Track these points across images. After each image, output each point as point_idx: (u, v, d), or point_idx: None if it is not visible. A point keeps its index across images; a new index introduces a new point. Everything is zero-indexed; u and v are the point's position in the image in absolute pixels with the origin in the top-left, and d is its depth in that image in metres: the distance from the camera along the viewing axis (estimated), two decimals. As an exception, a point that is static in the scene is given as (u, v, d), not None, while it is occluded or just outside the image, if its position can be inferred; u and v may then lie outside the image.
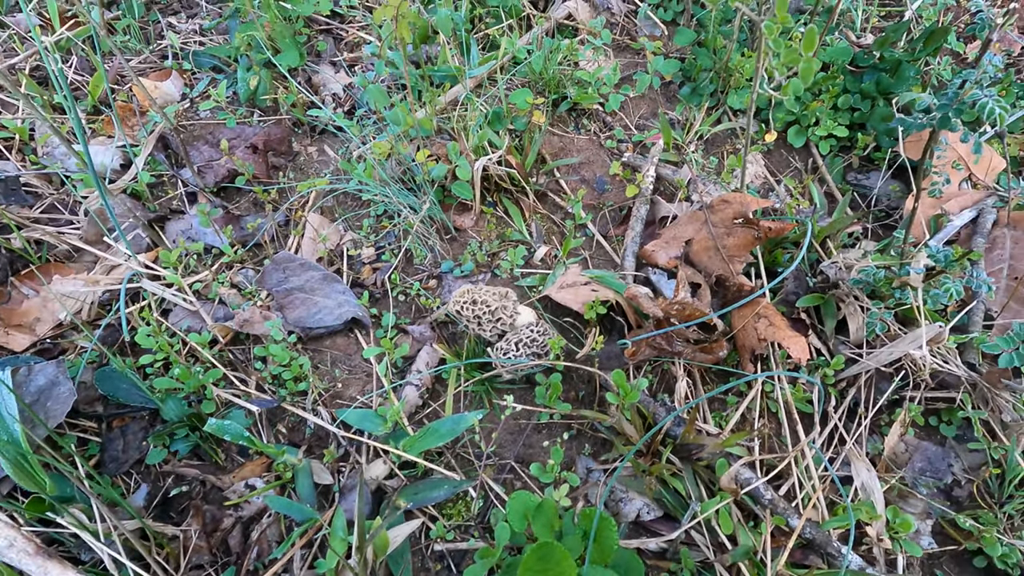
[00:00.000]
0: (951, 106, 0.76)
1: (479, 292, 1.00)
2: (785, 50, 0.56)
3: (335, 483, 0.95)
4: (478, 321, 0.99)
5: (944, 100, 0.76)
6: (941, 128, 0.76)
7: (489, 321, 1.00)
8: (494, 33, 1.60)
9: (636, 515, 0.94)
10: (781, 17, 0.59)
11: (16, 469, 0.80)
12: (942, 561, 0.96)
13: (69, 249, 1.15)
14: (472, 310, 0.98)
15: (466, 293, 0.99)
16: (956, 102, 0.75)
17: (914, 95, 0.87)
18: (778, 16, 0.59)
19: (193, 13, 1.82)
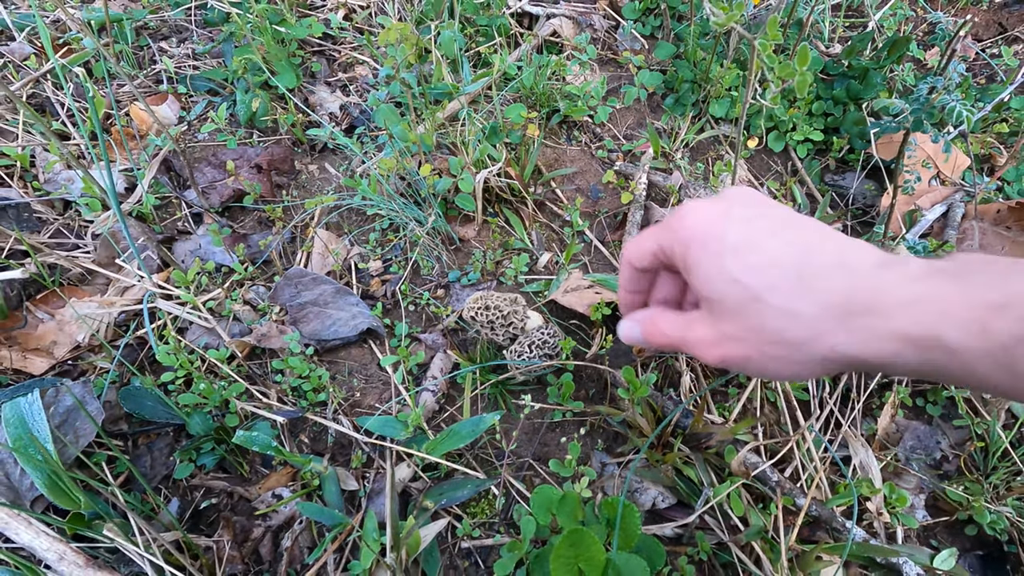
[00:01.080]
0: (923, 110, 0.84)
1: (491, 298, 1.04)
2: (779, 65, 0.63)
3: (361, 488, 0.98)
4: (491, 326, 1.03)
5: (916, 105, 0.84)
6: (914, 130, 0.83)
7: (502, 326, 1.04)
8: (485, 51, 1.67)
9: (652, 503, 0.98)
10: (772, 35, 0.66)
11: (50, 488, 0.82)
12: (936, 531, 1.03)
13: (82, 272, 1.16)
14: (485, 315, 1.02)
15: (479, 299, 1.03)
16: (927, 106, 0.83)
17: (887, 101, 0.95)
18: (770, 34, 0.66)
19: (183, 38, 1.85)
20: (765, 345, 0.49)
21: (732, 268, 0.48)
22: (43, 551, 0.71)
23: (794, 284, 0.46)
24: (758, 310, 0.48)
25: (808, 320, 0.46)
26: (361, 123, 1.58)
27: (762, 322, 0.48)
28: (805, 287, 0.46)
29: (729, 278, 0.49)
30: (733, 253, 0.49)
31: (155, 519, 0.88)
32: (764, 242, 0.49)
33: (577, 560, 0.77)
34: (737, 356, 0.51)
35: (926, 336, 0.42)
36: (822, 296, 0.45)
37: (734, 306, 0.49)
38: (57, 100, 1.54)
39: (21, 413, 0.84)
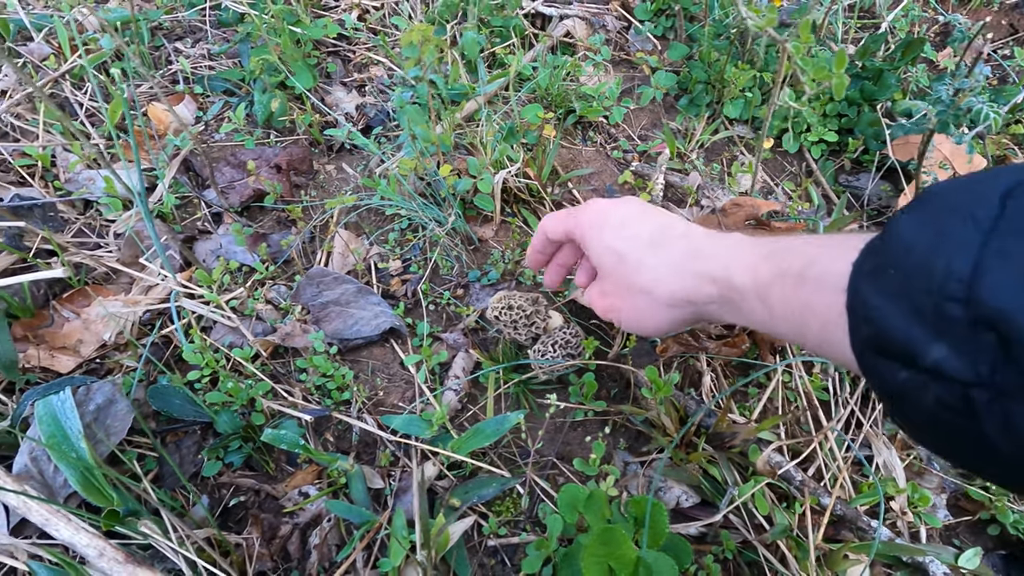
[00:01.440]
0: (948, 112, 0.84)
1: (514, 298, 1.05)
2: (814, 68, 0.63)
3: (386, 486, 0.99)
4: (515, 326, 1.04)
5: (941, 107, 0.85)
6: (940, 132, 0.84)
7: (524, 325, 1.04)
8: (500, 52, 1.67)
9: (676, 503, 0.99)
10: (805, 37, 0.66)
11: (84, 485, 0.82)
12: (958, 531, 1.03)
13: (107, 271, 1.17)
14: (509, 315, 1.03)
15: (502, 299, 1.04)
16: (953, 108, 0.84)
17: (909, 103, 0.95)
18: (803, 37, 0.66)
19: (198, 39, 1.85)
20: (628, 294, 0.69)
21: (608, 239, 0.70)
22: (83, 547, 0.72)
23: (647, 247, 0.66)
24: (623, 267, 0.68)
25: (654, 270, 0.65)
26: (377, 123, 1.58)
27: (626, 275, 0.68)
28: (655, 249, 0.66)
29: (607, 246, 0.70)
30: (611, 229, 0.70)
31: (186, 516, 0.88)
32: (634, 222, 0.69)
33: (608, 558, 0.78)
34: (613, 307, 0.73)
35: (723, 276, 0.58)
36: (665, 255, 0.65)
37: (610, 267, 0.71)
38: (76, 100, 1.55)
39: (54, 411, 0.85)
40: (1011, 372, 0.32)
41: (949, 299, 0.34)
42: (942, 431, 0.38)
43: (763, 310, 0.54)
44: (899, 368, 0.38)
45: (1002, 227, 0.33)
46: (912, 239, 0.38)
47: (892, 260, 0.39)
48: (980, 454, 0.36)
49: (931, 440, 0.41)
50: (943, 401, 0.35)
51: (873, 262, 0.42)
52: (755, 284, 0.55)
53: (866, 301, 0.41)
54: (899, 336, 0.37)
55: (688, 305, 0.64)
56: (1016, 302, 0.31)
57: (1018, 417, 0.32)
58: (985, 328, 0.33)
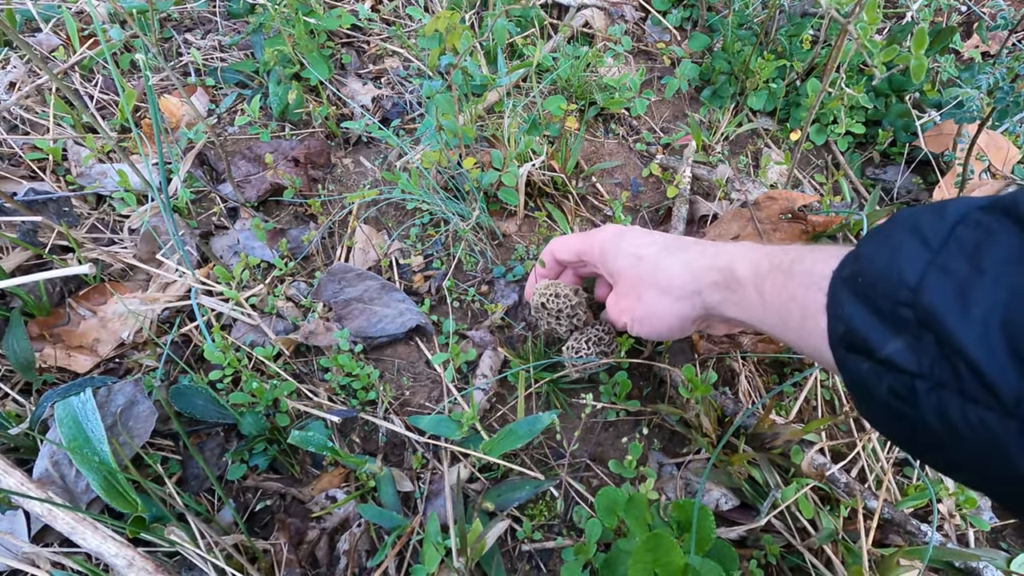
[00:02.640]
0: (1008, 99, 0.81)
1: (560, 286, 0.99)
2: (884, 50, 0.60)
3: (416, 489, 0.96)
4: (559, 315, 0.99)
5: (1001, 94, 0.81)
6: (999, 120, 0.80)
7: (568, 316, 0.99)
8: (520, 42, 1.63)
9: (715, 505, 0.96)
10: (871, 19, 0.63)
11: (107, 490, 0.79)
12: (1004, 534, 1.00)
13: (124, 268, 1.14)
14: (556, 303, 0.98)
15: (550, 287, 0.99)
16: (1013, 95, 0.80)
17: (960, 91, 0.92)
18: (868, 18, 0.63)
19: (208, 30, 1.81)
20: (642, 292, 0.76)
21: (627, 246, 0.79)
22: (111, 556, 0.69)
23: (664, 250, 0.75)
24: (641, 267, 0.76)
25: (669, 268, 0.73)
26: (395, 116, 1.55)
27: (642, 274, 0.76)
28: (671, 252, 0.74)
29: (626, 252, 0.79)
30: (629, 239, 0.80)
31: (213, 521, 0.85)
32: (647, 236, 0.80)
33: (655, 565, 0.75)
34: (625, 309, 0.80)
35: (727, 266, 0.66)
36: (680, 255, 0.73)
37: (627, 268, 0.78)
38: (86, 93, 1.51)
39: (75, 413, 0.82)
40: (944, 367, 0.38)
41: (901, 304, 0.41)
42: (893, 417, 0.43)
43: (758, 300, 0.60)
44: (863, 360, 0.44)
45: (948, 249, 0.40)
46: (876, 253, 0.45)
47: (860, 269, 0.47)
48: (923, 439, 0.42)
49: (886, 427, 0.47)
50: (894, 390, 0.42)
51: (849, 270, 0.49)
52: (755, 275, 0.61)
53: (841, 302, 0.47)
54: (863, 332, 0.44)
55: (695, 296, 0.71)
56: (949, 309, 0.37)
57: (950, 405, 0.38)
58: (926, 329, 0.39)
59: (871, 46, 0.60)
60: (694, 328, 0.78)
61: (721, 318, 0.71)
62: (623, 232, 0.82)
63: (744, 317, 0.66)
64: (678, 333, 0.77)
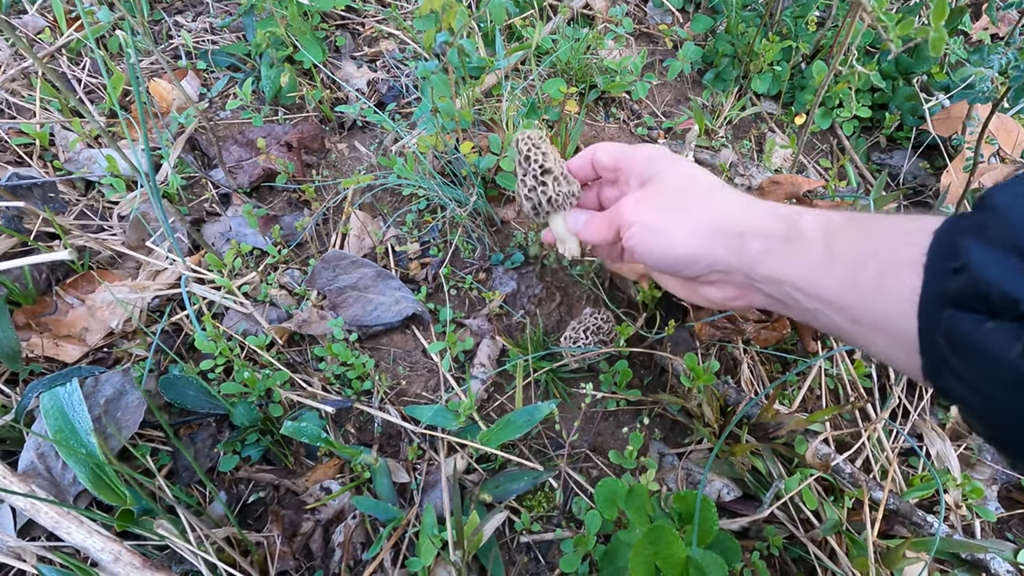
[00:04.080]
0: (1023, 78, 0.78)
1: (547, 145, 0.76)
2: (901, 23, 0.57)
3: (412, 480, 0.94)
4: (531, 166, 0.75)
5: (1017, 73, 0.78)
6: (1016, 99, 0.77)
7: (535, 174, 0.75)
8: (518, 23, 1.59)
9: (717, 496, 0.94)
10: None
11: (94, 482, 0.77)
12: (1011, 524, 0.98)
13: (112, 255, 1.11)
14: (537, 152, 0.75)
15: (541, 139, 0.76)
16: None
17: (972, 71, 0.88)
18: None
19: (199, 12, 1.77)
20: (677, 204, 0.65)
21: (684, 164, 0.68)
22: (97, 552, 0.67)
23: (723, 187, 0.65)
24: (690, 182, 0.66)
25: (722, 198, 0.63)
26: (391, 99, 1.51)
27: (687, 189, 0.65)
28: (729, 191, 0.65)
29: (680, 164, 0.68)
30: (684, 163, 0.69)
31: (204, 514, 0.84)
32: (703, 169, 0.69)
33: (656, 558, 0.73)
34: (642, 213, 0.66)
35: (791, 215, 0.58)
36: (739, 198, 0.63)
37: (672, 177, 0.67)
38: (74, 76, 1.47)
39: (61, 404, 0.80)
40: None
41: None
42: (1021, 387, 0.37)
43: (822, 255, 0.53)
44: (984, 319, 0.39)
45: None
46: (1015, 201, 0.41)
47: (997, 217, 0.41)
48: None
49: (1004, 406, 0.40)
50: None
51: (976, 219, 0.43)
52: (824, 228, 0.54)
53: (963, 251, 0.41)
54: (1002, 283, 0.38)
55: (733, 238, 0.60)
56: None
57: None
58: None
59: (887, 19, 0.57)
60: (692, 273, 0.64)
61: (744, 274, 0.59)
62: (676, 157, 0.70)
63: (788, 273, 0.55)
64: (672, 267, 0.64)
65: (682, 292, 0.71)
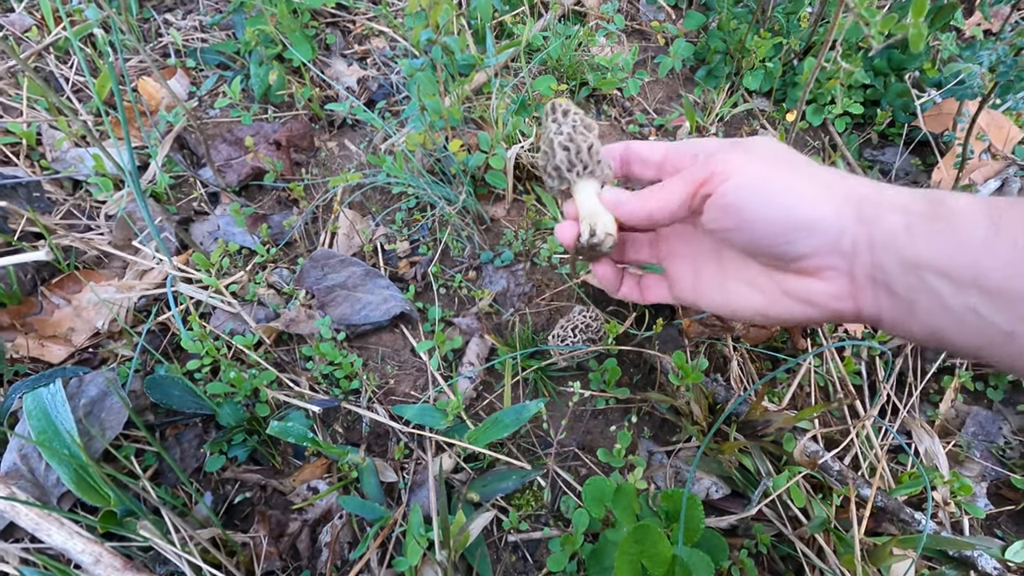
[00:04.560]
0: (1010, 73, 0.77)
1: None
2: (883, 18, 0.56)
3: (400, 480, 0.93)
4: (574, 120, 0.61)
5: (1004, 68, 0.77)
6: (1001, 95, 0.77)
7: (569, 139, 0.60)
8: (509, 20, 1.59)
9: (705, 494, 0.94)
10: (868, -14, 0.59)
11: (78, 483, 0.77)
12: (999, 521, 0.98)
13: (98, 255, 1.10)
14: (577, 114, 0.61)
15: None
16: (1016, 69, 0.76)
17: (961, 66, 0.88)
18: (865, -15, 0.59)
19: (189, 10, 1.76)
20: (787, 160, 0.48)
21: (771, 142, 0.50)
22: (78, 553, 0.67)
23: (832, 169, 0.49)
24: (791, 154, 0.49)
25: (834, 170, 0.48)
26: (380, 97, 1.50)
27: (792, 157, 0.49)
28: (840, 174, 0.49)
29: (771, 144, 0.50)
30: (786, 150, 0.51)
31: (189, 515, 0.83)
32: None
33: (641, 556, 0.73)
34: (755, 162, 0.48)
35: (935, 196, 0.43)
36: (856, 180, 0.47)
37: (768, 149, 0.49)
38: (61, 75, 1.46)
39: (44, 405, 0.79)
40: None
41: None
42: None
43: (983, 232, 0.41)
44: None
45: None
46: None
47: None
48: None
49: None
50: None
51: None
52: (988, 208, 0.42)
53: None
54: None
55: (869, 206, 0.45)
56: None
57: None
58: None
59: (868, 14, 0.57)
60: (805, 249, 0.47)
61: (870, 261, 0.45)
62: None
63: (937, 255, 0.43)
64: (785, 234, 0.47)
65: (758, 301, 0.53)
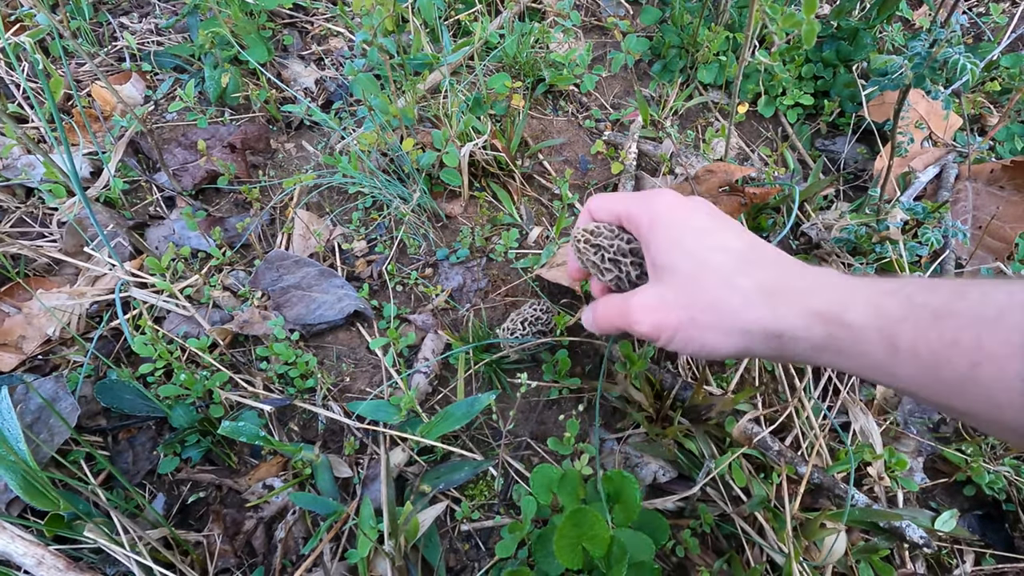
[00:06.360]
0: (925, 64, 0.81)
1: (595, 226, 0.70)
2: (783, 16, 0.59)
3: (355, 475, 0.95)
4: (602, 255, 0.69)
5: (918, 60, 0.81)
6: (916, 86, 0.80)
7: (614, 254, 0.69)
8: (465, 19, 1.60)
9: (653, 478, 0.97)
10: (774, -16, 0.62)
11: (26, 489, 0.77)
12: (935, 493, 1.03)
13: (49, 262, 1.10)
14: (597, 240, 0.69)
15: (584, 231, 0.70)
16: (929, 60, 0.80)
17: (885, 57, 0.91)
18: (771, -17, 0.62)
19: (145, 13, 1.75)
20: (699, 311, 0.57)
21: (691, 245, 0.59)
22: (20, 556, 0.68)
23: (739, 264, 0.56)
24: (705, 279, 0.57)
25: (743, 292, 0.54)
26: (338, 98, 1.51)
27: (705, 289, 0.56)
28: (747, 268, 0.56)
29: (687, 251, 0.58)
30: (694, 233, 0.59)
31: (141, 517, 0.84)
32: (720, 232, 0.59)
33: (581, 539, 0.75)
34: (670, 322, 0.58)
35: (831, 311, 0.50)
36: (759, 277, 0.55)
37: (684, 275, 0.58)
38: (12, 81, 1.45)
39: (-11, 412, 0.79)
40: None
41: None
42: None
43: (886, 350, 0.47)
44: None
45: None
46: None
47: None
48: None
49: None
50: None
51: None
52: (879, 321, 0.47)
53: None
54: None
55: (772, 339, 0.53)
56: None
57: None
58: None
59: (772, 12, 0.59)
60: (756, 357, 0.62)
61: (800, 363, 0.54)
62: (685, 220, 0.60)
63: (851, 367, 0.51)
64: (729, 357, 0.59)
65: None
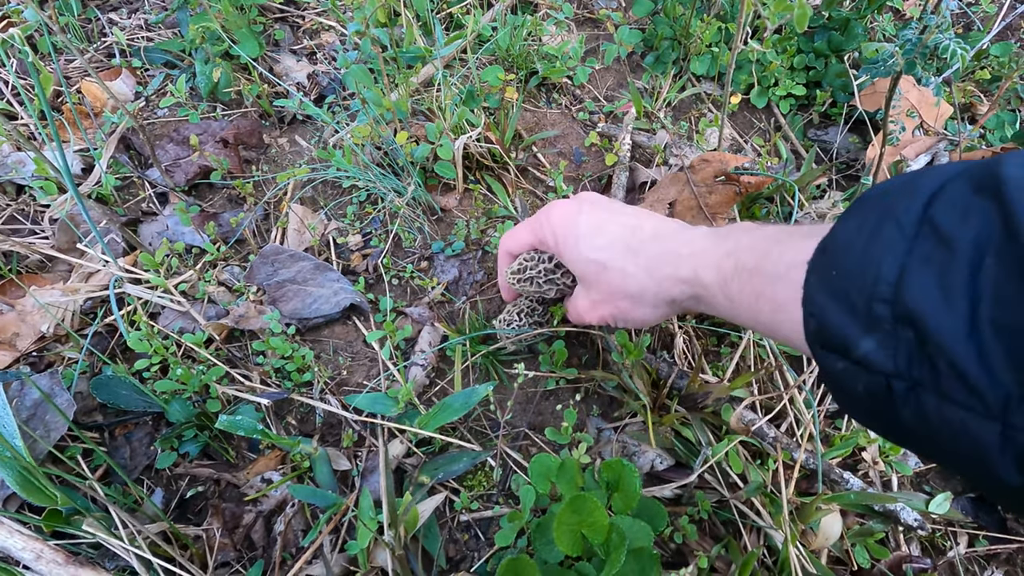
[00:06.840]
0: (916, 51, 0.81)
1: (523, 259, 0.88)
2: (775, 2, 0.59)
3: (353, 467, 0.95)
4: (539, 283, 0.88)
5: (909, 46, 0.81)
6: (907, 73, 0.81)
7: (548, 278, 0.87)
8: (457, 11, 1.60)
9: (650, 466, 0.98)
10: (766, -30, 0.62)
11: (23, 485, 0.77)
12: (928, 477, 1.04)
13: (41, 259, 1.10)
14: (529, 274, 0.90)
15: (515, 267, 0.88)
16: (920, 47, 0.80)
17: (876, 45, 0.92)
18: (763, -31, 0.62)
19: (134, 8, 1.74)
20: (618, 300, 0.72)
21: (586, 250, 0.72)
22: (18, 551, 0.67)
23: (626, 254, 0.70)
24: (608, 276, 0.71)
25: (635, 277, 0.69)
26: (331, 92, 1.50)
27: (611, 283, 0.71)
28: (633, 256, 0.69)
29: (587, 258, 0.72)
30: (585, 239, 0.72)
31: (139, 511, 0.84)
32: (603, 228, 0.72)
33: (580, 526, 0.76)
34: (607, 314, 0.76)
35: (693, 277, 0.64)
36: (643, 260, 0.69)
37: (594, 277, 0.73)
38: (0, 78, 1.44)
39: (-16, 409, 0.79)
40: (924, 366, 0.35)
41: (879, 300, 0.38)
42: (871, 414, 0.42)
43: (726, 301, 0.60)
44: (837, 359, 0.42)
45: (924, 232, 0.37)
46: (849, 242, 0.42)
47: (833, 261, 0.44)
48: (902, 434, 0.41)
49: (864, 420, 0.45)
50: (870, 389, 0.39)
51: (822, 260, 0.45)
52: (719, 279, 0.60)
53: (812, 298, 0.45)
54: (836, 330, 0.41)
55: (670, 303, 0.70)
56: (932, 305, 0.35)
57: (928, 405, 0.36)
58: (905, 326, 0.36)
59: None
60: (674, 314, 0.78)
61: (695, 312, 0.73)
62: (575, 228, 0.74)
63: (714, 313, 0.66)
64: (662, 320, 0.78)
65: None
